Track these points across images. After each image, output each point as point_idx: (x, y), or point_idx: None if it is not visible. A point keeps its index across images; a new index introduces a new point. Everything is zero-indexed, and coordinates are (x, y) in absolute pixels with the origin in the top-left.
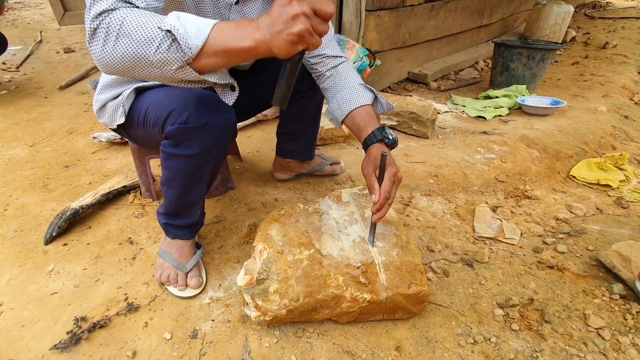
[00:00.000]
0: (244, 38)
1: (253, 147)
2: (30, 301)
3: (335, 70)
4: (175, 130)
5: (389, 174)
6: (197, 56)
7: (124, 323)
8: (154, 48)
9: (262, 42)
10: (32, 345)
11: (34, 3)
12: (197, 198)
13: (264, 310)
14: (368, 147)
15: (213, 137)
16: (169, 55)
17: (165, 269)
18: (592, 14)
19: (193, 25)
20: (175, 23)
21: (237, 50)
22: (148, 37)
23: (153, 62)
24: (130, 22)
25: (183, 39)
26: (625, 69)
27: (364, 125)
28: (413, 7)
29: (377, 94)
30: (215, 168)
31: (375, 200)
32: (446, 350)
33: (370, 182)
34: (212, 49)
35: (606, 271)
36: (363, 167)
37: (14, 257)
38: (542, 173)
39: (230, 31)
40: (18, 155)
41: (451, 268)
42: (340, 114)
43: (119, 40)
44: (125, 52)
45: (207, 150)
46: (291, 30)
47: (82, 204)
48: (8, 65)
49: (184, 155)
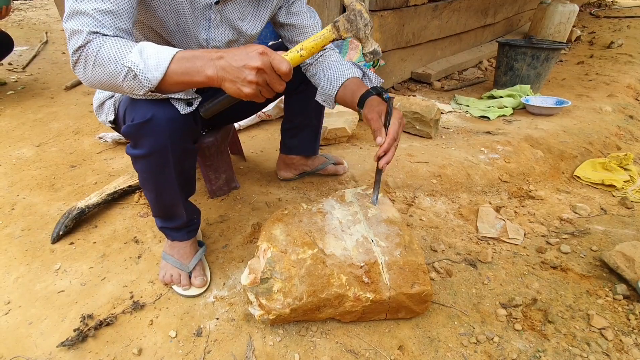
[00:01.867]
0: (199, 72)
1: (257, 147)
2: (37, 299)
3: (321, 58)
4: (126, 129)
5: (396, 116)
6: (159, 85)
7: (130, 321)
8: (120, 79)
9: (213, 80)
10: (39, 343)
11: (39, 4)
12: (173, 199)
13: (268, 309)
14: (365, 100)
15: (161, 131)
16: (133, 84)
17: (168, 270)
18: (597, 13)
19: (153, 59)
20: (137, 59)
21: (192, 82)
22: (115, 70)
23: (123, 88)
24: (102, 55)
25: (142, 73)
26: (631, 69)
27: (357, 89)
28: (416, 7)
29: (364, 69)
30: (182, 166)
31: (380, 142)
32: (449, 350)
33: (377, 125)
34: (170, 79)
35: (610, 272)
36: (367, 114)
37: (22, 256)
38: (546, 173)
39: (185, 66)
40: (25, 155)
41: (454, 268)
42: (332, 88)
43: (95, 69)
44: (101, 79)
45: (160, 148)
46: (242, 88)
47: (88, 203)
48: (14, 66)
49: (140, 155)
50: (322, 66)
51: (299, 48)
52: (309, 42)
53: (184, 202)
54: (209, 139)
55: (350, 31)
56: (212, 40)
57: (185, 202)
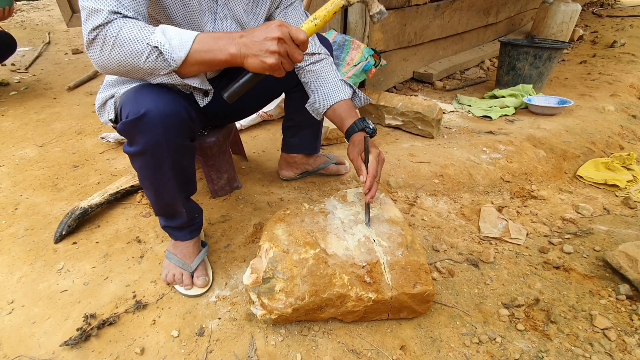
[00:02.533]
0: (222, 50)
1: (259, 147)
2: (40, 299)
3: (315, 66)
4: (120, 126)
5: (373, 154)
6: (181, 65)
7: (133, 320)
8: (143, 59)
9: (236, 57)
10: (42, 342)
11: (42, 5)
12: (172, 197)
13: (270, 308)
14: (350, 135)
15: (155, 127)
16: (156, 64)
17: (170, 269)
18: (599, 12)
19: (177, 40)
20: (162, 39)
21: (214, 61)
22: (138, 50)
23: (144, 69)
24: (124, 35)
25: (168, 53)
26: (634, 68)
27: (346, 116)
28: (418, 6)
29: (355, 89)
30: (179, 163)
31: (363, 180)
32: (451, 350)
33: (357, 164)
34: (193, 59)
35: (613, 272)
36: (349, 153)
37: (25, 256)
38: (548, 173)
39: (209, 44)
40: (28, 155)
41: (456, 268)
42: (322, 106)
43: (114, 50)
44: (119, 60)
45: (155, 144)
46: (266, 59)
47: (91, 203)
48: (17, 67)
49: (136, 153)
50: (317, 78)
51: (313, 18)
52: (321, 11)
53: (184, 201)
54: (211, 139)
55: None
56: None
57: (186, 200)
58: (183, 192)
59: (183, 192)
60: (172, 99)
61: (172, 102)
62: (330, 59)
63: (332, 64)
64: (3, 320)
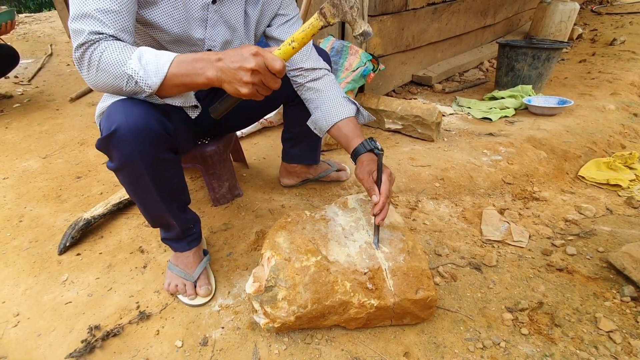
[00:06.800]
0: (199, 74)
1: (259, 154)
2: (45, 311)
3: (315, 84)
4: (97, 144)
5: (386, 172)
6: (158, 89)
7: (137, 331)
8: (123, 83)
9: (213, 81)
10: (48, 354)
11: (44, 17)
12: (158, 210)
13: (273, 317)
14: (358, 155)
15: (126, 143)
16: (136, 89)
17: (173, 280)
18: (598, 10)
19: (153, 65)
20: (136, 66)
21: (193, 84)
22: (118, 75)
23: (127, 92)
24: (105, 60)
25: (142, 80)
26: (634, 66)
27: (352, 136)
28: (415, 10)
29: (358, 106)
30: (159, 176)
31: (376, 200)
32: (455, 356)
33: (369, 184)
34: (171, 83)
35: (617, 273)
36: (357, 173)
37: (30, 268)
38: (550, 174)
39: (185, 68)
40: (32, 167)
41: (459, 272)
42: (325, 124)
43: (99, 73)
44: (105, 82)
45: (129, 159)
46: (240, 89)
47: (94, 214)
48: (20, 79)
49: (115, 169)
50: (319, 95)
51: (290, 41)
52: (298, 33)
53: (175, 212)
54: (211, 148)
55: (337, 16)
56: (207, 39)
57: (178, 211)
58: (174, 203)
59: (174, 202)
60: (143, 113)
61: (144, 116)
62: (331, 75)
63: (334, 80)
64: (9, 333)
